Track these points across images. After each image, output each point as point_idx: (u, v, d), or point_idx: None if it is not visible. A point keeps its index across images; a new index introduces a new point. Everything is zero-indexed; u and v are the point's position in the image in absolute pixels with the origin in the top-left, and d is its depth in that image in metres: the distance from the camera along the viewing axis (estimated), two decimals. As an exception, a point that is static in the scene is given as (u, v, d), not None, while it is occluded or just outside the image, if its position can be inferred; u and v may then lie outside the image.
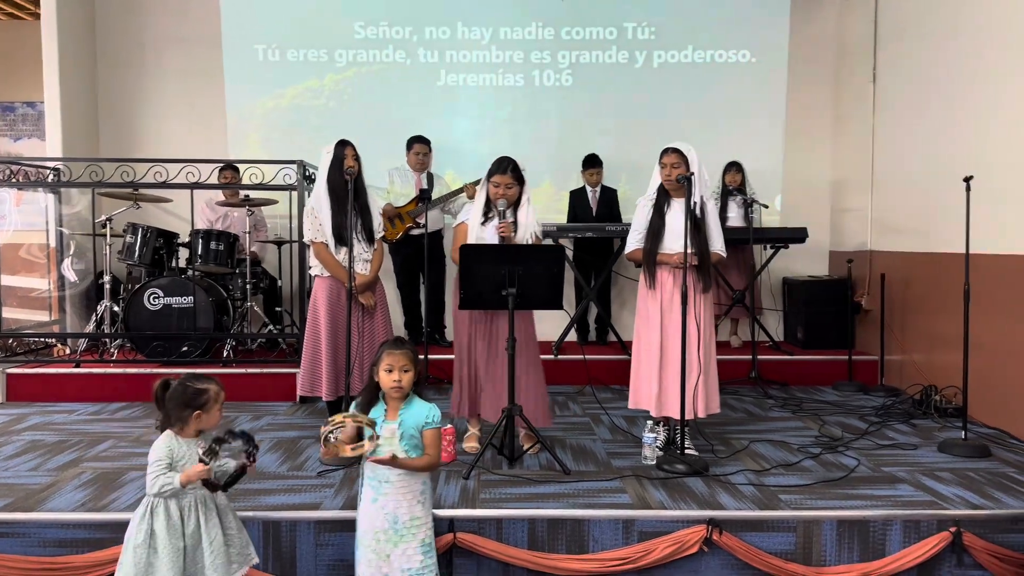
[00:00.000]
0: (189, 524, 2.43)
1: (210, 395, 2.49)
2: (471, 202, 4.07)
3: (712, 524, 2.98)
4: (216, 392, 2.52)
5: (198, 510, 2.45)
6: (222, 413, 2.56)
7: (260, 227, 6.26)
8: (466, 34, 6.77)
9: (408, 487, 2.58)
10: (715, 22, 6.75)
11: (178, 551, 2.40)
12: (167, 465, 2.42)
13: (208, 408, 2.49)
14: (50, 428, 4.47)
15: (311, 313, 3.98)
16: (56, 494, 3.29)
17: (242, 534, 2.60)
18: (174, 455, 2.44)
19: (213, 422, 2.52)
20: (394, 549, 2.55)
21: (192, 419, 2.48)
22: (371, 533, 2.57)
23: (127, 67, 6.79)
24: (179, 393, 2.48)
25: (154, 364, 5.32)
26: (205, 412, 2.49)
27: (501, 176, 3.83)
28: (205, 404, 2.49)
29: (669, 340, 3.75)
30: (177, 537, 2.40)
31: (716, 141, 6.39)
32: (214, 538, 2.46)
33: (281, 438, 4.25)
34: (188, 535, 2.42)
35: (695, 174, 3.70)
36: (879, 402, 5.08)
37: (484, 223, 3.89)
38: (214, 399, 2.50)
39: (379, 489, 2.57)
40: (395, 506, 2.56)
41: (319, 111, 6.76)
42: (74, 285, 6.08)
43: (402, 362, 2.59)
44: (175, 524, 2.41)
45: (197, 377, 2.54)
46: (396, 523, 2.55)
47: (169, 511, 2.41)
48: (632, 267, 6.06)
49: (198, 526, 2.44)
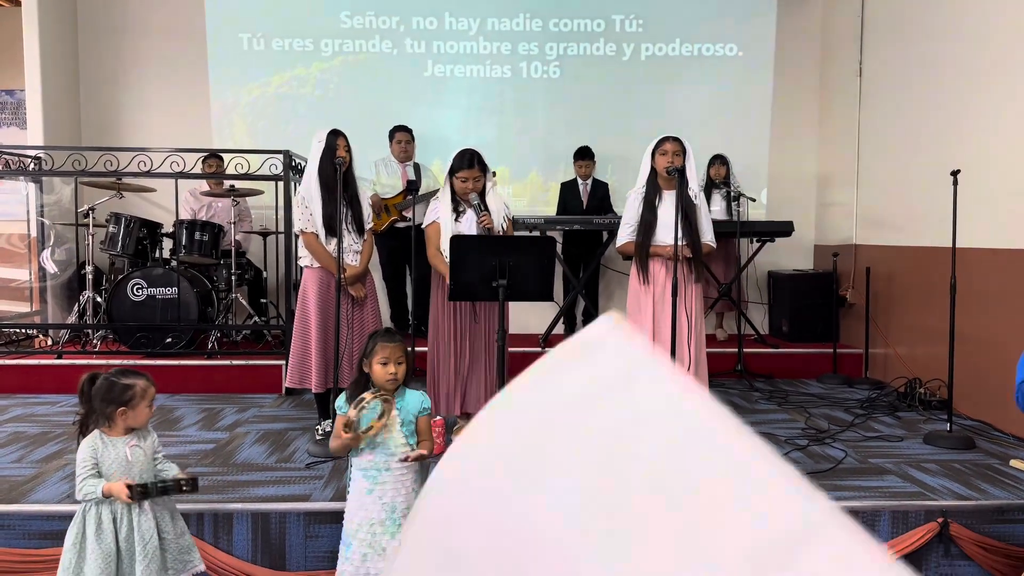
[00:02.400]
0: (121, 530, 2.32)
1: (136, 391, 2.37)
2: (434, 199, 4.03)
3: (703, 515, 2.98)
4: (144, 388, 2.39)
5: (131, 513, 2.33)
6: (152, 410, 2.43)
7: (244, 217, 6.20)
8: (453, 25, 6.73)
9: (406, 475, 2.58)
10: (702, 16, 6.76)
11: (108, 556, 2.28)
12: (91, 467, 2.31)
13: (134, 405, 2.37)
14: (32, 420, 4.41)
15: (300, 305, 3.94)
16: (40, 486, 3.25)
17: (183, 539, 2.47)
18: (99, 456, 2.33)
19: (141, 420, 2.40)
20: (391, 541, 2.52)
21: (118, 416, 2.36)
22: (366, 526, 2.53)
23: (110, 55, 6.70)
24: (104, 389, 2.36)
25: (138, 355, 5.26)
26: (131, 409, 2.37)
27: (468, 171, 3.81)
28: (130, 400, 2.36)
29: (661, 332, 3.75)
30: (108, 543, 2.29)
31: (702, 134, 6.38)
32: (148, 542, 2.33)
33: (268, 430, 4.22)
34: (121, 539, 2.31)
35: (688, 166, 3.71)
36: (864, 395, 5.12)
37: (457, 218, 3.87)
38: (140, 395, 2.37)
39: (376, 479, 2.54)
40: (393, 495, 2.54)
41: (305, 100, 6.70)
42: (54, 276, 6.00)
43: (397, 354, 2.57)
44: (105, 529, 2.30)
45: (125, 372, 2.42)
46: (394, 512, 2.53)
47: (100, 514, 2.31)
48: (620, 260, 6.06)
49: (131, 530, 2.32)
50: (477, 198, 3.78)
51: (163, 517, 2.42)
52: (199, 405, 4.79)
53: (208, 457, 3.69)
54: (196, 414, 4.57)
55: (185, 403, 4.84)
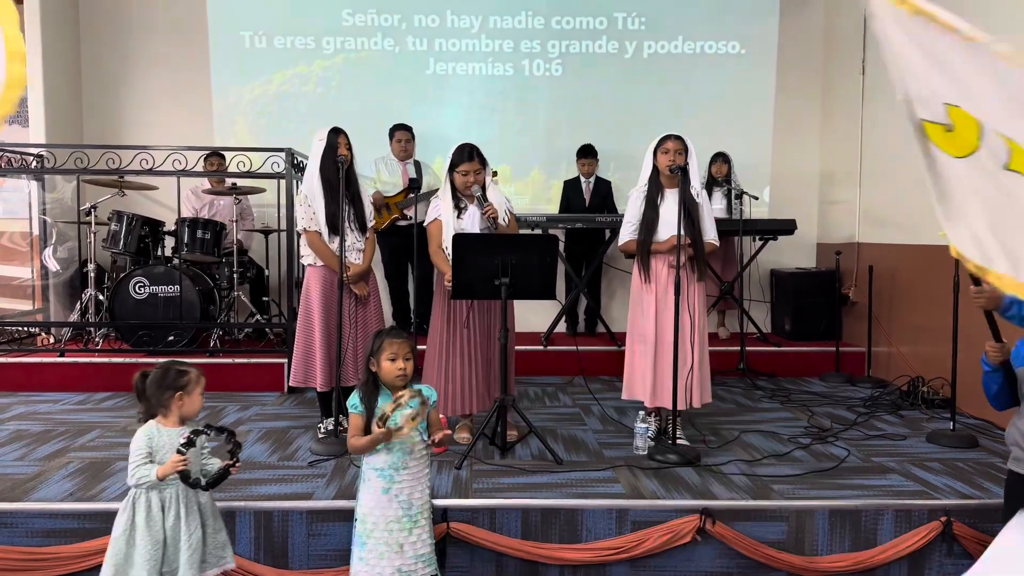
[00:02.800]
0: (169, 517, 2.39)
1: (191, 377, 2.48)
2: (435, 197, 4.00)
3: (705, 514, 2.98)
4: (197, 376, 2.50)
5: (179, 504, 2.40)
6: (203, 400, 2.54)
7: (246, 215, 6.20)
8: (455, 22, 6.72)
9: (421, 471, 2.62)
10: (705, 13, 6.75)
11: (156, 544, 2.36)
12: (146, 455, 2.39)
13: (190, 391, 2.47)
14: (35, 418, 4.41)
15: (303, 303, 3.93)
16: (43, 484, 3.24)
17: (220, 535, 2.53)
18: (154, 445, 2.41)
19: (195, 407, 2.50)
20: (408, 537, 2.55)
21: (174, 403, 2.46)
22: (383, 525, 2.54)
23: (112, 53, 6.69)
24: (159, 377, 2.47)
25: (140, 354, 5.26)
26: (187, 394, 2.47)
27: (468, 164, 3.78)
28: (186, 386, 2.47)
29: (663, 330, 3.74)
30: (156, 530, 2.36)
31: (704, 132, 6.36)
32: (193, 532, 2.41)
33: (271, 428, 4.22)
34: (168, 528, 2.38)
35: (690, 164, 3.70)
36: (867, 393, 5.11)
37: (460, 215, 3.85)
38: (195, 381, 2.49)
39: (393, 478, 2.56)
40: (410, 492, 2.57)
41: (307, 98, 6.70)
42: (56, 274, 6.00)
43: (404, 350, 2.58)
44: (155, 516, 2.37)
45: (178, 363, 2.54)
46: (411, 508, 2.56)
47: (150, 503, 2.38)
48: (622, 258, 6.06)
49: (178, 519, 2.39)
50: (479, 190, 3.76)
51: (206, 512, 2.49)
52: (201, 403, 4.79)
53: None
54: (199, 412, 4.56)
55: (187, 401, 4.83)
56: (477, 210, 3.83)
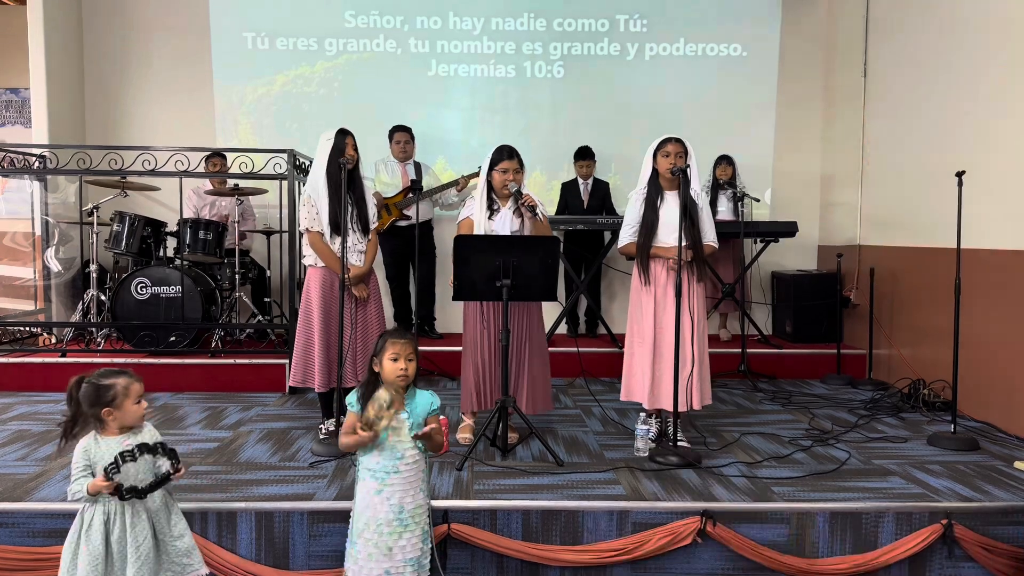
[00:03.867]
0: (114, 531, 2.31)
1: (117, 390, 2.35)
2: (469, 196, 4.03)
3: (706, 516, 2.98)
4: (125, 386, 2.36)
5: (123, 516, 2.33)
6: (142, 406, 2.40)
7: (247, 216, 6.21)
8: (457, 24, 6.73)
9: (415, 475, 2.58)
10: (707, 15, 6.75)
11: (96, 557, 2.28)
12: (83, 468, 2.31)
13: (118, 404, 2.35)
14: (36, 418, 4.42)
15: (304, 303, 3.94)
16: (44, 484, 3.25)
17: (181, 542, 2.44)
18: (92, 458, 2.33)
19: (130, 418, 2.38)
20: (397, 541, 2.52)
21: (106, 417, 2.35)
22: (373, 526, 2.53)
23: (114, 53, 6.71)
24: (87, 392, 2.36)
25: (141, 354, 5.27)
26: (117, 409, 2.35)
27: (509, 162, 3.82)
28: (113, 400, 2.34)
29: (663, 332, 3.75)
30: (96, 544, 2.29)
31: (707, 134, 6.39)
32: (141, 543, 2.33)
33: (271, 429, 4.22)
34: (114, 540, 2.31)
35: (690, 166, 3.70)
36: (868, 395, 5.12)
37: (491, 216, 3.86)
38: (122, 393, 2.35)
39: (385, 480, 2.55)
40: (401, 496, 2.54)
41: (309, 99, 6.70)
42: (58, 274, 6.01)
43: (407, 351, 2.58)
44: (95, 530, 2.31)
45: (106, 373, 2.40)
46: (402, 513, 2.53)
47: (93, 515, 2.32)
48: (623, 260, 6.06)
49: (123, 531, 2.32)
50: (516, 186, 3.79)
51: (159, 519, 2.40)
52: (203, 404, 4.80)
53: (211, 456, 3.70)
54: (200, 413, 4.58)
55: (189, 401, 4.85)
56: (509, 212, 3.84)
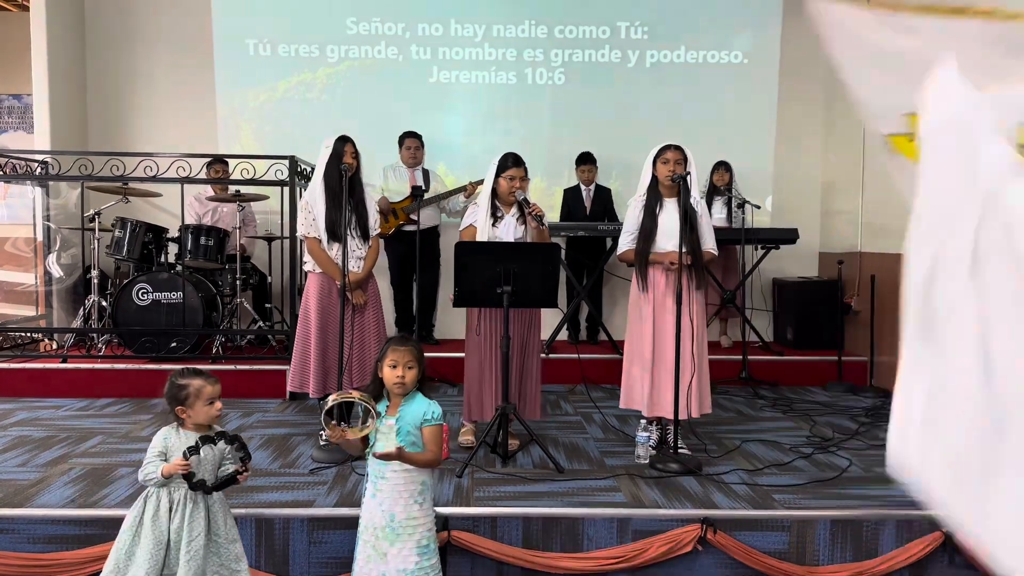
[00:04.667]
0: (175, 519, 2.38)
1: (190, 391, 2.46)
2: (474, 204, 4.05)
3: (706, 523, 2.98)
4: (198, 388, 2.47)
5: (186, 506, 2.39)
6: (216, 408, 2.51)
7: (249, 222, 6.21)
8: (459, 31, 6.74)
9: (404, 485, 2.54)
10: (707, 23, 6.77)
11: (159, 543, 2.35)
12: (158, 454, 2.40)
13: (190, 404, 2.45)
14: (37, 424, 4.42)
15: (302, 309, 3.94)
16: (45, 490, 3.25)
17: (234, 547, 2.48)
18: (169, 446, 2.42)
19: (202, 418, 2.48)
20: (391, 548, 2.52)
21: (179, 414, 2.46)
22: (370, 529, 2.54)
23: (117, 60, 6.73)
24: (167, 389, 2.49)
25: (142, 360, 5.27)
26: (189, 408, 2.45)
27: (516, 169, 3.84)
28: (186, 400, 2.45)
29: (662, 339, 3.74)
30: (161, 530, 2.36)
31: (707, 141, 6.40)
32: (194, 539, 2.38)
33: (272, 435, 4.22)
34: (173, 530, 2.37)
35: (690, 173, 3.71)
36: (869, 403, 5.11)
37: (495, 224, 3.87)
38: (195, 395, 2.46)
39: (376, 484, 2.55)
40: (391, 504, 2.52)
41: (311, 105, 6.72)
42: (60, 280, 6.02)
43: (406, 358, 2.57)
44: (161, 516, 2.37)
45: (184, 372, 2.52)
46: (392, 521, 2.52)
47: (159, 502, 2.39)
48: (624, 266, 6.05)
49: (183, 522, 2.38)
50: (522, 195, 3.80)
51: (216, 518, 2.46)
52: (203, 410, 4.79)
53: (212, 462, 3.69)
54: (200, 419, 4.57)
55: (189, 408, 4.84)
56: (512, 219, 3.85)
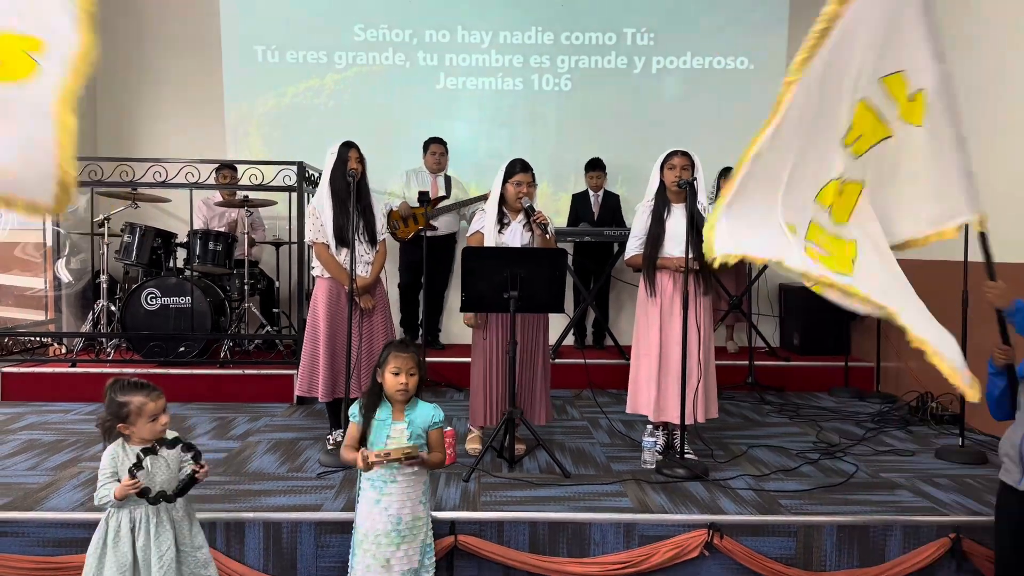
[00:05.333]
0: (139, 538, 2.32)
1: (131, 408, 2.30)
2: (480, 210, 4.06)
3: (713, 528, 2.99)
4: (140, 405, 2.30)
5: (149, 524, 2.33)
6: (161, 424, 2.35)
7: (257, 227, 6.25)
8: (466, 38, 6.78)
9: (412, 488, 2.57)
10: (714, 29, 6.78)
11: (123, 565, 2.29)
12: (110, 475, 2.31)
13: (132, 421, 2.31)
14: (46, 427, 4.45)
15: (311, 314, 3.97)
16: (55, 493, 3.27)
17: (200, 552, 2.44)
18: (119, 465, 2.32)
19: (146, 434, 2.33)
20: (395, 552, 2.52)
21: (122, 431, 2.33)
22: (371, 537, 2.54)
23: (126, 66, 6.77)
24: (107, 403, 2.33)
25: (151, 364, 5.30)
26: (131, 425, 2.31)
27: (523, 175, 3.86)
28: (127, 417, 2.30)
29: (669, 345, 3.75)
30: (124, 551, 2.30)
31: (713, 147, 6.34)
32: (164, 552, 2.33)
33: (279, 439, 4.24)
34: (139, 548, 2.31)
35: (697, 179, 3.72)
36: (875, 408, 5.10)
37: (502, 230, 3.88)
38: (136, 412, 2.30)
39: (383, 490, 2.55)
40: (399, 508, 2.54)
41: (319, 111, 6.75)
42: (69, 285, 6.05)
43: (409, 365, 2.58)
44: (123, 537, 2.31)
45: (126, 386, 2.34)
46: (399, 524, 2.53)
47: (120, 524, 2.32)
48: (630, 272, 6.07)
49: (148, 539, 2.32)
50: (528, 201, 3.82)
51: (181, 529, 2.41)
52: (211, 414, 4.82)
53: (220, 466, 3.71)
54: (209, 423, 4.60)
55: (198, 412, 4.87)
56: (519, 226, 3.87)
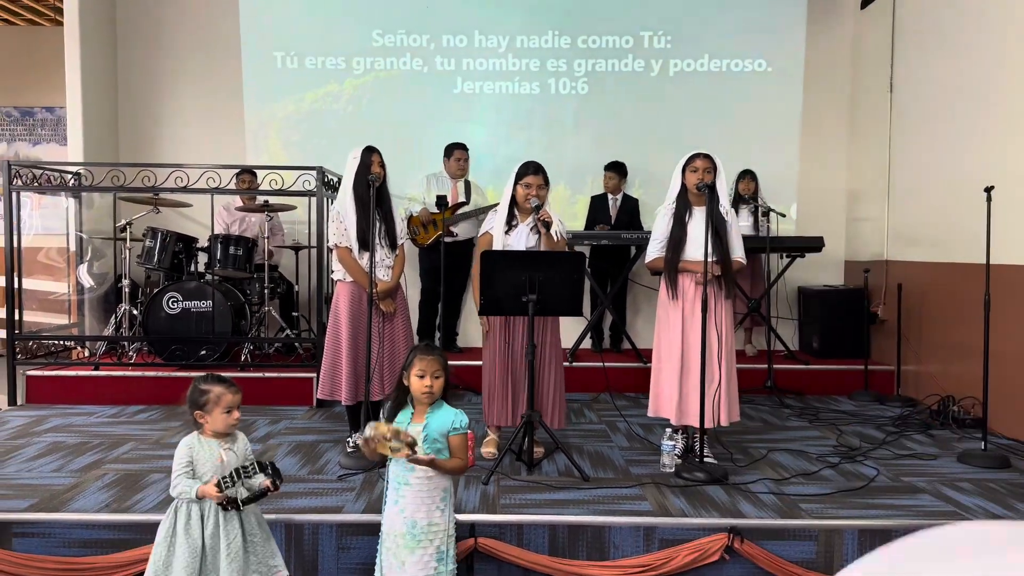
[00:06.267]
0: (208, 525, 2.43)
1: (210, 396, 2.47)
2: (492, 211, 4.08)
3: (733, 532, 2.98)
4: (218, 395, 2.47)
5: (218, 512, 2.44)
6: (234, 417, 2.51)
7: (276, 232, 6.29)
8: (483, 42, 6.80)
9: (428, 492, 2.56)
10: (731, 31, 6.77)
11: (195, 551, 2.39)
12: (186, 465, 2.44)
13: (208, 410, 2.47)
14: (70, 430, 4.50)
15: (332, 317, 3.99)
16: (80, 495, 3.31)
17: (268, 545, 2.56)
18: (194, 456, 2.46)
19: (219, 425, 2.49)
20: (410, 556, 2.52)
21: (197, 419, 2.49)
22: (391, 536, 2.56)
23: (148, 73, 6.85)
24: (189, 392, 2.52)
25: (172, 368, 5.35)
26: (206, 413, 2.47)
27: (534, 177, 3.87)
28: (205, 405, 2.47)
29: (691, 348, 3.75)
30: (195, 538, 2.41)
31: (731, 150, 6.35)
32: (232, 541, 2.44)
33: (300, 442, 4.27)
34: (207, 536, 2.42)
35: (718, 182, 3.72)
36: (896, 412, 5.07)
37: (508, 231, 3.90)
38: (214, 402, 2.47)
39: (399, 491, 2.56)
40: (413, 510, 2.54)
41: (337, 116, 6.80)
42: (91, 289, 6.13)
43: (434, 367, 2.59)
44: (194, 524, 2.42)
45: (208, 378, 2.53)
46: (414, 528, 2.53)
47: (190, 511, 2.43)
48: (648, 275, 6.06)
49: (217, 527, 2.43)
50: (537, 201, 3.84)
51: (248, 519, 2.51)
52: (232, 417, 4.86)
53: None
54: (229, 426, 4.63)
55: (218, 415, 4.90)
56: (526, 228, 3.88)
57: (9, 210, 5.29)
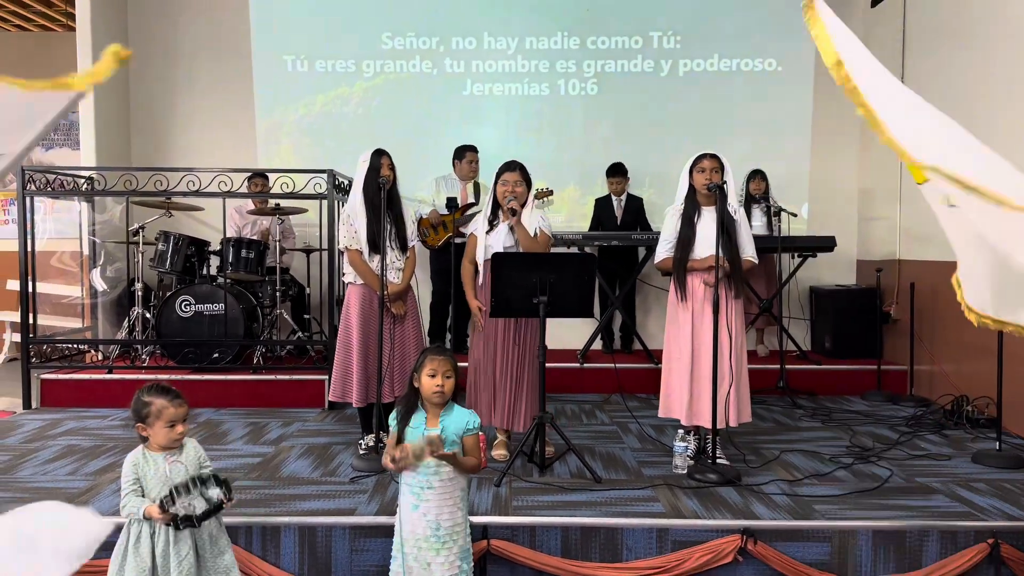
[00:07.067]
0: (159, 543, 2.33)
1: (151, 410, 2.34)
2: (480, 212, 4.10)
3: (747, 534, 2.97)
4: (159, 408, 2.34)
5: (168, 530, 2.32)
6: (177, 432, 2.38)
7: (288, 235, 6.32)
8: (492, 44, 6.81)
9: (450, 493, 2.58)
10: (741, 31, 6.75)
11: (143, 570, 2.31)
12: (133, 483, 2.34)
13: (149, 423, 2.35)
14: (85, 433, 4.54)
15: (343, 320, 4.01)
16: (96, 498, 3.34)
17: (222, 559, 2.45)
18: (140, 472, 2.36)
19: (161, 439, 2.37)
20: (436, 557, 2.54)
21: (139, 432, 2.38)
22: (412, 541, 2.56)
23: (159, 78, 6.90)
24: (133, 401, 2.39)
25: (185, 371, 5.38)
26: (148, 427, 2.35)
27: (510, 173, 3.89)
28: (146, 418, 2.35)
29: (701, 348, 3.74)
30: (144, 556, 2.32)
31: (742, 149, 6.38)
32: (183, 559, 2.34)
33: (312, 444, 4.28)
34: (158, 554, 2.32)
35: (726, 182, 3.71)
36: (909, 412, 5.04)
37: (489, 231, 3.91)
38: (155, 415, 2.34)
39: (420, 496, 2.57)
40: (437, 513, 2.55)
41: (348, 119, 6.82)
42: (104, 293, 6.16)
43: (445, 367, 2.60)
44: (144, 542, 2.33)
45: (151, 389, 2.40)
46: (439, 530, 2.54)
47: (140, 529, 2.34)
48: (658, 275, 6.04)
49: (167, 545, 2.33)
50: (513, 199, 3.83)
51: (200, 535, 2.41)
52: (245, 419, 4.89)
53: (255, 471, 3.76)
54: (243, 428, 4.66)
55: (232, 417, 4.94)
56: (505, 227, 3.89)
57: (23, 214, 5.34)
